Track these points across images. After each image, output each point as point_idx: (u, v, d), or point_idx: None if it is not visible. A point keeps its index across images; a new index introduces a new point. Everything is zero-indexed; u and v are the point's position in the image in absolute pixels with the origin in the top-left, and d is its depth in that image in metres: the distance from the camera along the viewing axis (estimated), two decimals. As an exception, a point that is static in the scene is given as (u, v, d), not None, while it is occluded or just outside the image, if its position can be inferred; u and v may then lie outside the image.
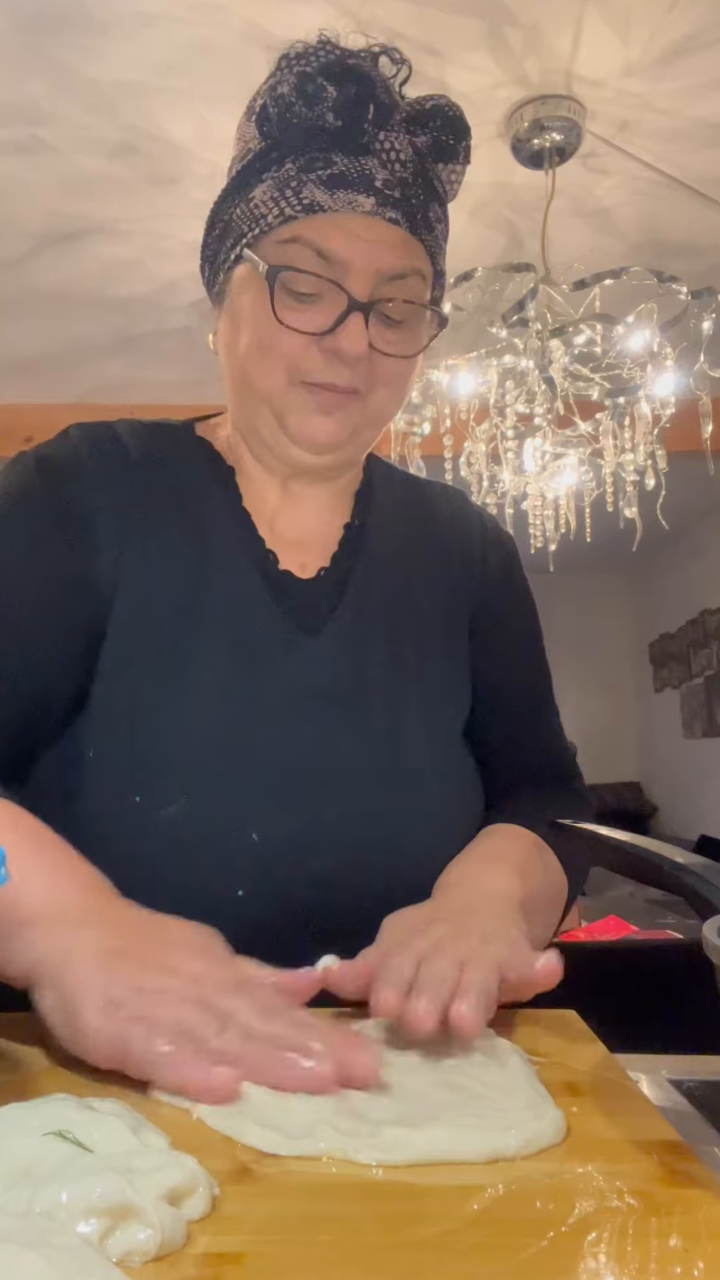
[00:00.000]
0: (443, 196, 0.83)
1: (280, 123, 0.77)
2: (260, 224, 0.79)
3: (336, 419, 0.80)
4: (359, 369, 0.79)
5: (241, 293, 0.81)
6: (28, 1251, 0.34)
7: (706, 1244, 0.40)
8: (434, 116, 0.79)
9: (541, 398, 2.48)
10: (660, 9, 2.18)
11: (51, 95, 2.35)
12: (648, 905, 2.85)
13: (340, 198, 0.76)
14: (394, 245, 0.78)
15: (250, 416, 0.84)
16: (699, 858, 0.59)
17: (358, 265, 0.77)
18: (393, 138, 0.78)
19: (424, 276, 0.82)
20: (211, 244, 0.85)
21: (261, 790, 0.78)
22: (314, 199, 0.76)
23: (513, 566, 0.99)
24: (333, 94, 0.76)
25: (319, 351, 0.78)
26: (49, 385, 3.88)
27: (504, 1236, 0.40)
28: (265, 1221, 0.42)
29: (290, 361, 0.79)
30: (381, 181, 0.77)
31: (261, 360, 0.79)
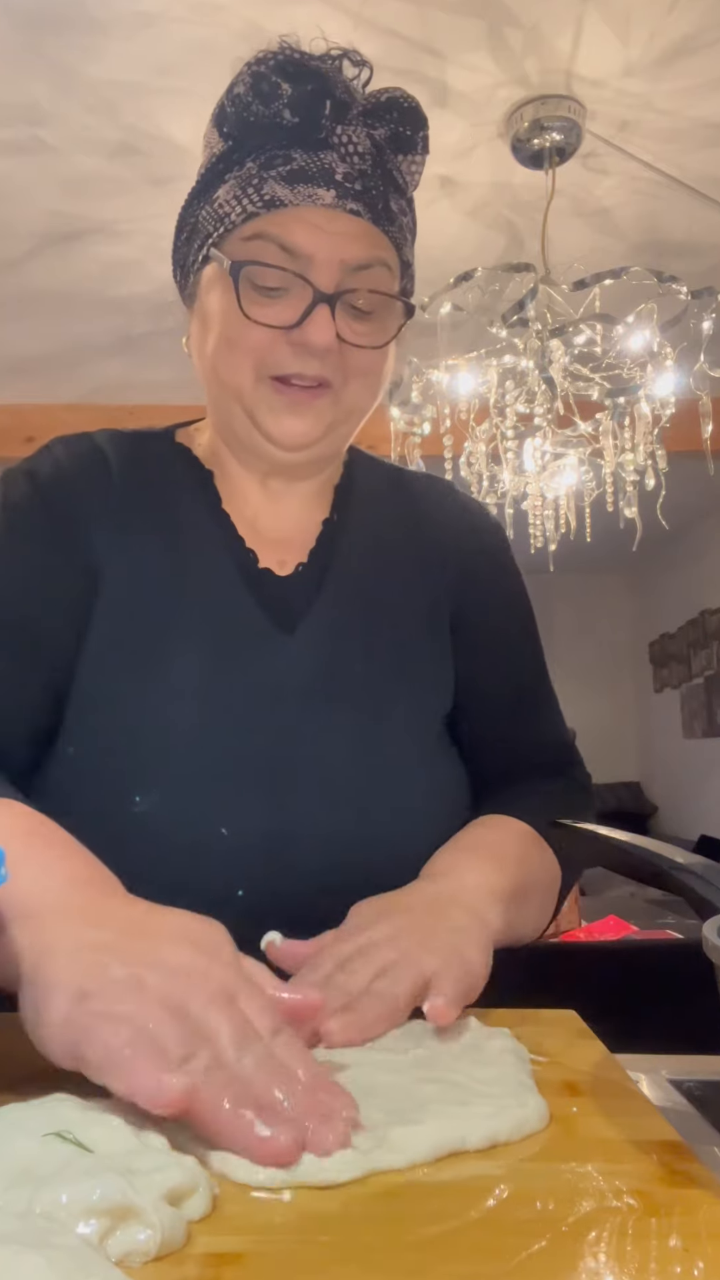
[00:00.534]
0: (403, 187, 0.83)
1: (238, 122, 0.79)
2: (224, 223, 0.80)
3: (308, 417, 0.81)
4: (328, 361, 0.79)
5: (209, 292, 0.82)
6: (29, 1253, 0.34)
7: (706, 1244, 0.40)
8: (391, 109, 0.79)
9: (541, 398, 2.48)
10: (660, 9, 2.18)
11: (51, 95, 2.35)
12: (648, 905, 2.85)
13: (301, 192, 0.77)
14: (357, 236, 0.79)
15: (225, 416, 0.84)
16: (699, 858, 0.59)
17: (321, 257, 0.77)
18: (351, 131, 0.78)
19: (389, 267, 0.81)
20: (180, 247, 0.86)
21: (232, 786, 0.79)
22: (275, 194, 0.77)
23: (498, 555, 0.98)
24: (288, 91, 0.77)
25: (287, 345, 0.78)
26: (49, 385, 3.88)
27: (504, 1236, 0.40)
28: (265, 1221, 0.42)
29: (258, 356, 0.79)
30: (341, 175, 0.78)
31: (230, 357, 0.80)
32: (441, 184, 2.77)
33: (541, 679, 0.99)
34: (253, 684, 0.81)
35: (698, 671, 6.44)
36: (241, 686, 0.81)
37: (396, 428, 2.81)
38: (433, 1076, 0.56)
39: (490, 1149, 0.49)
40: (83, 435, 0.89)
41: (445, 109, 2.46)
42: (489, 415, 2.66)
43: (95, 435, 0.89)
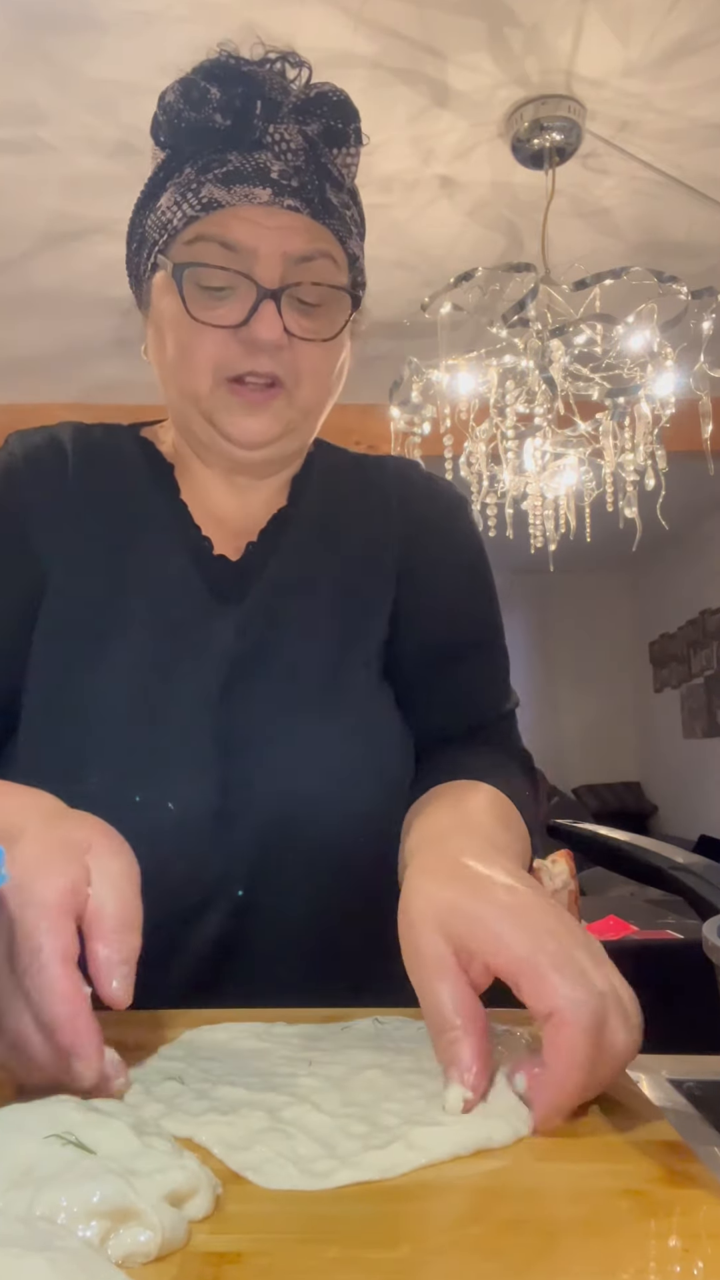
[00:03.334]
0: (340, 180, 0.83)
1: (171, 129, 0.81)
2: (167, 229, 0.81)
3: (264, 417, 0.81)
4: (280, 358, 0.80)
5: (160, 299, 0.83)
6: (32, 1255, 0.34)
7: (706, 1244, 0.40)
8: (321, 104, 0.80)
9: (541, 398, 2.48)
10: (660, 9, 2.18)
11: (51, 94, 2.36)
12: (648, 905, 2.85)
13: (237, 192, 0.78)
14: (297, 230, 0.79)
15: (185, 419, 0.85)
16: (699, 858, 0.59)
17: (263, 252, 0.78)
18: (283, 130, 0.79)
19: (334, 260, 0.82)
20: (132, 258, 0.88)
21: (177, 760, 0.80)
22: (212, 196, 0.79)
23: (446, 519, 0.97)
24: (216, 95, 0.78)
25: (238, 344, 0.79)
26: (49, 385, 3.88)
27: (504, 1236, 0.40)
28: (265, 1221, 0.42)
29: (213, 360, 0.80)
30: (277, 173, 0.79)
31: (186, 362, 0.81)
32: (441, 184, 2.77)
33: (485, 643, 0.96)
34: (195, 660, 0.83)
35: (698, 671, 6.44)
36: (184, 663, 0.83)
37: (396, 428, 2.81)
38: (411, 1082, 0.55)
39: (488, 1149, 0.49)
40: (42, 429, 0.91)
41: (445, 109, 2.46)
42: (489, 415, 2.66)
43: (55, 428, 0.91)
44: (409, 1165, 0.46)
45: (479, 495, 2.88)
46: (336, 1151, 0.47)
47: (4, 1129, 0.44)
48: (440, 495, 0.98)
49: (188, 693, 0.82)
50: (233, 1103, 0.52)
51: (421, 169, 2.70)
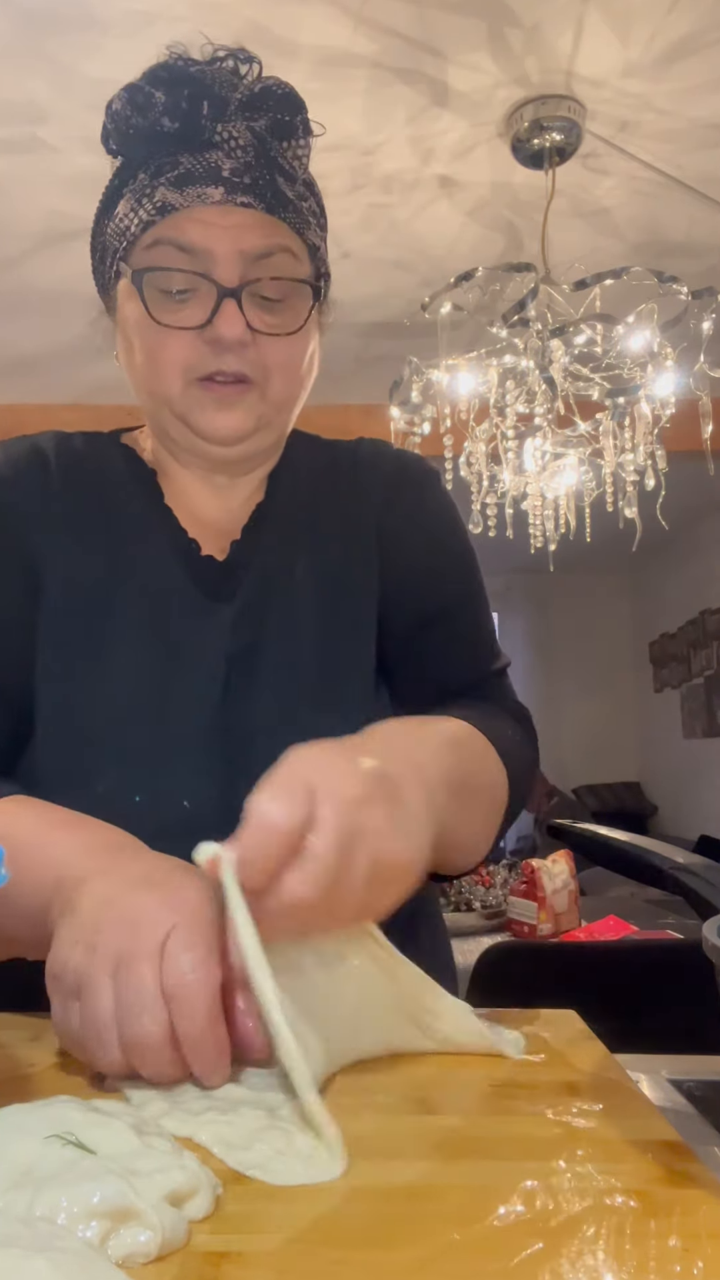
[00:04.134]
0: (292, 173, 0.83)
1: (120, 137, 0.81)
2: (125, 235, 0.82)
3: (237, 411, 0.82)
4: (245, 355, 0.80)
5: (125, 305, 0.84)
6: (33, 1257, 0.34)
7: (706, 1244, 0.40)
8: (266, 99, 0.80)
9: (541, 398, 2.48)
10: (660, 9, 2.18)
11: (51, 94, 2.36)
12: (648, 905, 2.85)
13: (190, 193, 0.79)
14: (252, 226, 0.80)
15: (160, 422, 0.86)
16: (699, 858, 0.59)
17: (220, 251, 0.79)
18: (231, 128, 0.79)
19: (293, 253, 0.82)
20: (97, 268, 0.90)
21: (186, 760, 0.81)
22: (166, 200, 0.79)
23: (418, 490, 0.98)
24: (161, 99, 0.78)
25: (203, 344, 0.80)
26: (49, 385, 3.88)
27: (504, 1236, 0.40)
28: (265, 1221, 0.42)
29: (180, 362, 0.81)
30: (229, 170, 0.79)
31: (154, 366, 0.82)
32: (441, 184, 2.77)
33: (468, 603, 0.97)
34: (194, 661, 0.84)
35: (698, 671, 6.44)
36: (184, 665, 0.84)
37: (396, 428, 2.81)
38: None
39: (488, 1148, 0.49)
40: (23, 438, 0.92)
41: (445, 109, 2.46)
42: (489, 415, 2.66)
43: (37, 437, 0.92)
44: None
45: (479, 495, 2.88)
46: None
47: (4, 1129, 0.44)
48: (410, 468, 0.99)
49: (189, 693, 0.83)
50: (233, 1101, 0.53)
51: (421, 169, 2.70)
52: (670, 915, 2.69)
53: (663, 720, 7.05)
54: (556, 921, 2.35)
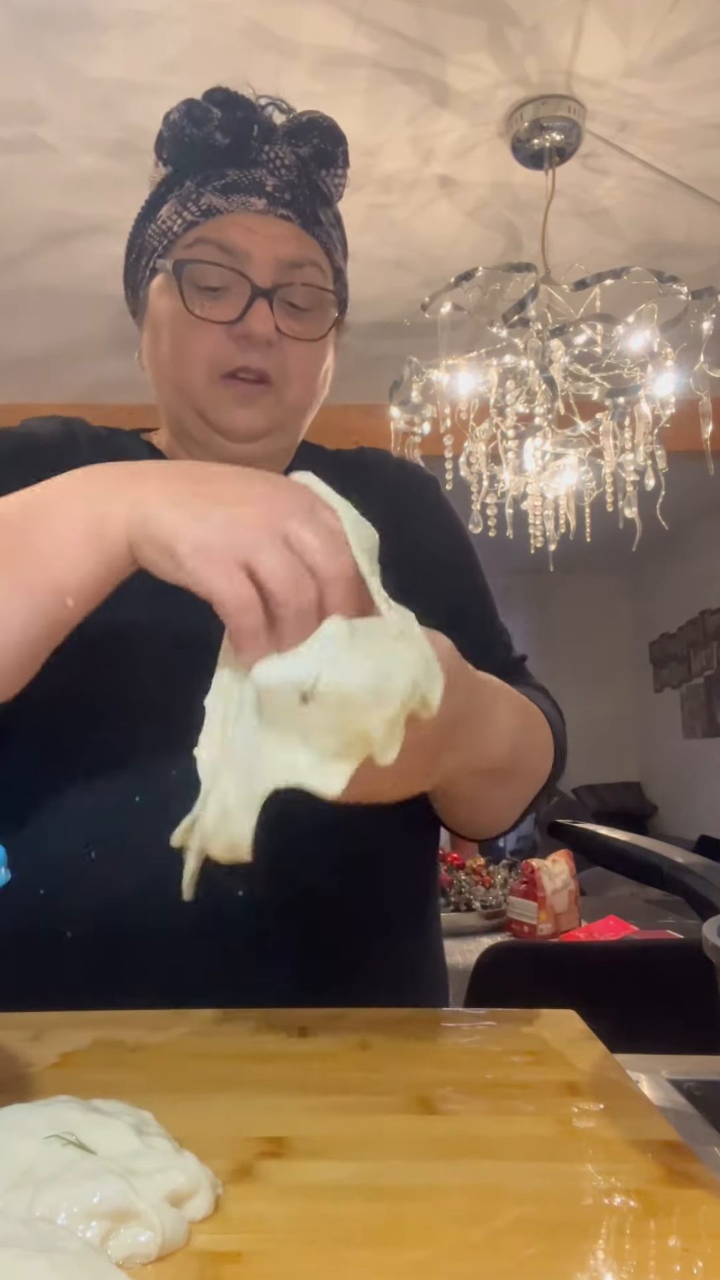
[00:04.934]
0: (329, 198, 0.90)
1: (174, 145, 0.86)
2: (168, 235, 0.87)
3: (255, 410, 0.86)
4: (270, 355, 0.84)
5: (158, 301, 0.88)
6: (34, 1257, 0.34)
7: (706, 1244, 0.40)
8: (312, 129, 0.87)
9: (541, 398, 2.48)
10: (660, 9, 2.18)
11: (51, 93, 2.35)
12: (648, 905, 2.85)
13: (235, 200, 0.85)
14: (289, 237, 0.85)
15: (179, 417, 0.89)
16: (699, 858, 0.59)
17: (257, 255, 0.84)
18: (278, 150, 0.86)
19: (321, 269, 0.88)
20: (130, 268, 0.93)
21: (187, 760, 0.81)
22: (211, 204, 0.85)
23: (422, 498, 1.01)
24: (218, 115, 0.84)
25: (231, 340, 0.84)
26: (49, 385, 3.88)
27: (504, 1236, 0.40)
28: (265, 1221, 0.42)
29: (208, 356, 0.84)
30: (272, 186, 0.85)
31: (182, 359, 0.85)
32: (441, 184, 2.77)
33: (482, 601, 1.01)
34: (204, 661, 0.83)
35: (698, 671, 6.44)
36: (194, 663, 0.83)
37: (396, 427, 2.81)
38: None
39: (488, 1148, 0.49)
40: (53, 417, 0.95)
41: (445, 109, 2.46)
42: (489, 415, 2.66)
43: (66, 418, 0.95)
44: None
45: (479, 495, 2.88)
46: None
47: (5, 1129, 0.44)
48: (413, 478, 1.03)
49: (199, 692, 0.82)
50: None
51: (421, 169, 2.70)
52: (670, 915, 2.69)
53: (663, 720, 7.04)
54: (556, 921, 2.35)
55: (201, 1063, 0.62)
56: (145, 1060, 0.62)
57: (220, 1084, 0.58)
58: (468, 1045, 0.65)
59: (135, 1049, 0.63)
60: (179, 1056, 0.63)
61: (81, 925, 0.80)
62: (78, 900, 0.81)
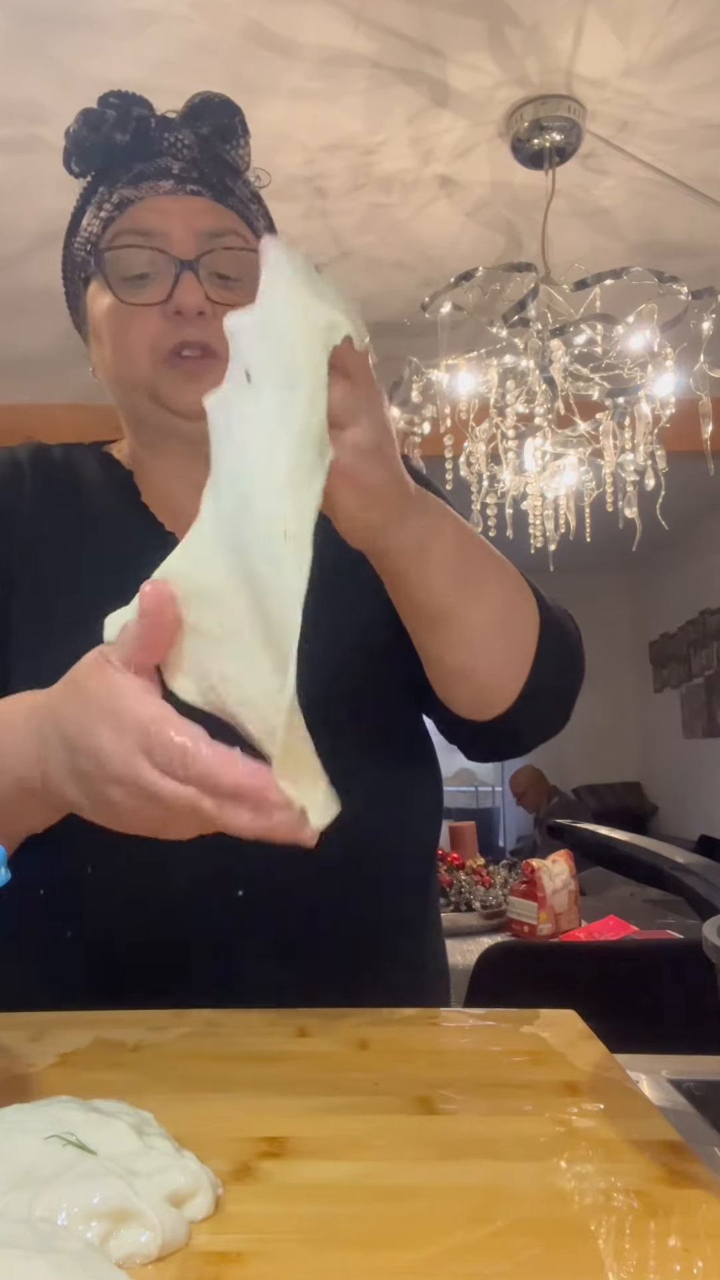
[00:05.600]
0: (236, 168, 0.90)
1: (79, 154, 0.88)
2: (91, 240, 0.88)
3: (204, 384, 0.85)
4: (208, 327, 0.84)
5: (94, 306, 0.88)
6: (34, 1257, 0.34)
7: (706, 1244, 0.40)
8: (205, 108, 0.89)
9: (541, 398, 2.48)
10: (660, 9, 2.18)
11: (51, 93, 2.35)
12: (648, 905, 2.85)
13: (144, 187, 0.86)
14: (203, 210, 0.86)
15: (134, 409, 0.89)
16: (699, 858, 0.59)
17: (175, 231, 0.84)
18: (178, 135, 0.88)
19: (243, 237, 0.88)
20: (68, 289, 0.94)
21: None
22: (123, 196, 0.86)
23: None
24: (112, 115, 0.86)
25: (165, 320, 0.84)
26: (49, 385, 3.88)
27: (504, 1236, 0.40)
28: (265, 1221, 0.42)
29: (147, 340, 0.84)
30: (178, 169, 0.87)
31: (123, 348, 0.85)
32: (441, 184, 2.77)
33: None
34: None
35: (698, 671, 6.44)
36: None
37: (396, 427, 2.80)
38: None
39: (488, 1148, 0.49)
40: (1, 449, 0.96)
41: (445, 109, 2.46)
42: (489, 415, 2.66)
43: (14, 448, 0.96)
44: None
45: (479, 495, 2.88)
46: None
47: (5, 1129, 0.44)
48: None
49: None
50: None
51: (421, 169, 2.70)
52: (670, 915, 2.69)
53: (663, 720, 7.04)
54: (556, 921, 2.35)
55: (201, 1063, 0.62)
56: (145, 1060, 0.62)
57: (220, 1084, 0.58)
58: (468, 1045, 0.65)
59: (135, 1049, 0.63)
60: (179, 1056, 0.63)
61: (81, 925, 0.80)
62: (78, 900, 0.81)
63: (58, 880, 0.81)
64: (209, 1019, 0.69)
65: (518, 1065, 0.60)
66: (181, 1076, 0.59)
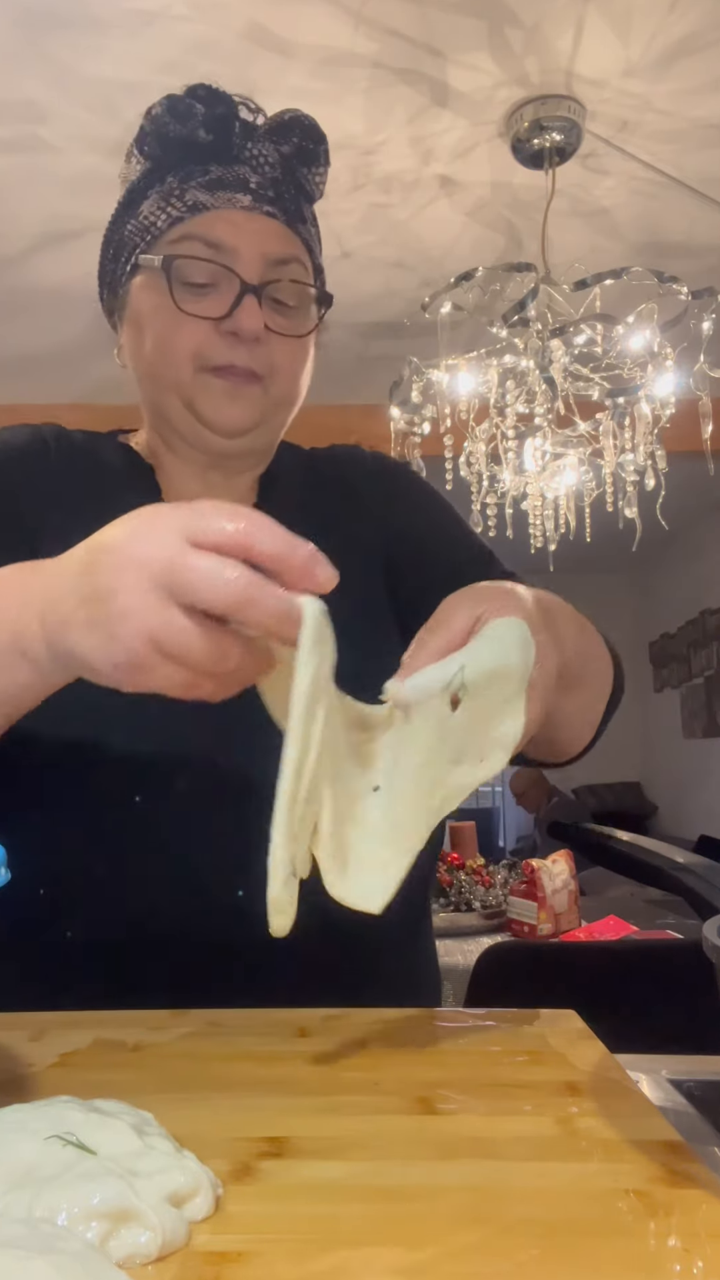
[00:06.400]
0: (311, 194, 0.90)
1: (157, 139, 0.86)
2: (151, 231, 0.86)
3: (243, 403, 0.85)
4: (257, 351, 0.84)
5: (140, 297, 0.87)
6: (35, 1258, 0.34)
7: (706, 1244, 0.40)
8: (293, 127, 0.87)
9: (541, 398, 2.48)
10: (660, 9, 2.18)
11: (52, 93, 2.35)
12: (648, 905, 2.85)
13: (220, 196, 0.84)
14: (275, 233, 0.86)
15: (163, 410, 0.88)
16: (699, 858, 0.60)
17: (245, 251, 0.83)
18: (260, 147, 0.86)
19: (305, 266, 0.88)
20: (107, 265, 0.93)
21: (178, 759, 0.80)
22: (197, 200, 0.84)
23: (400, 481, 1.02)
24: (201, 110, 0.84)
25: (219, 336, 0.83)
26: (49, 385, 3.88)
27: (504, 1236, 0.40)
28: (265, 1221, 0.42)
29: (194, 349, 0.83)
30: (255, 183, 0.85)
31: (166, 353, 0.85)
32: (441, 184, 2.77)
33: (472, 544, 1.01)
34: None
35: (698, 671, 6.43)
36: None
37: (396, 427, 2.81)
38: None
39: (489, 1148, 0.49)
40: (25, 425, 0.95)
41: (445, 109, 2.46)
42: (489, 415, 2.66)
43: (39, 426, 0.95)
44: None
45: (479, 495, 2.88)
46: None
47: (5, 1130, 0.44)
48: (387, 460, 1.05)
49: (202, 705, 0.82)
50: None
51: (421, 169, 2.70)
52: (670, 915, 2.69)
53: (663, 720, 7.04)
54: (556, 921, 2.35)
55: (201, 1063, 0.62)
56: (145, 1060, 0.62)
57: (220, 1084, 0.58)
58: (468, 1045, 0.65)
59: (135, 1049, 0.63)
60: (179, 1056, 0.63)
61: (82, 925, 0.80)
62: (78, 900, 0.81)
63: (58, 880, 0.81)
64: (209, 1019, 0.69)
65: (518, 1065, 0.60)
66: (181, 1076, 0.59)
